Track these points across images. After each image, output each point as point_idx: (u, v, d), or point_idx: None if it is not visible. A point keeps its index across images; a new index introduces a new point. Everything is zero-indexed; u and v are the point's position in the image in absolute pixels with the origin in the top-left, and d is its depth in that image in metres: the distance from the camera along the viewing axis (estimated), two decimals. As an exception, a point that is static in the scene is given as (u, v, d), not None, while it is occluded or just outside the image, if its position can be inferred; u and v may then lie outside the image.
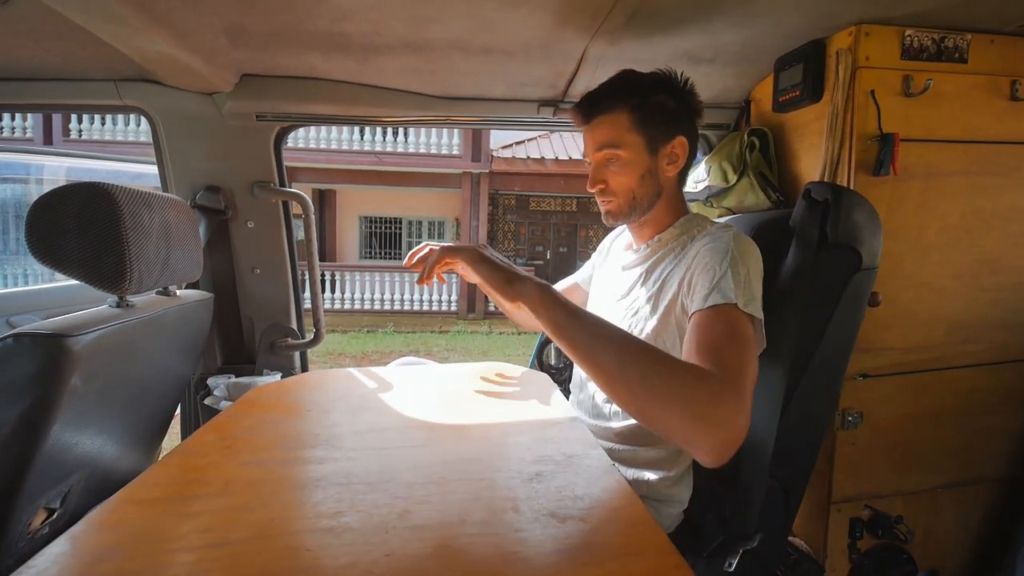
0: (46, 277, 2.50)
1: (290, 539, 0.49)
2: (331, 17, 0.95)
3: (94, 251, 0.81)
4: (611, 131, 0.93)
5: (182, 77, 1.09)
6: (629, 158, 0.92)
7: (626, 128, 0.91)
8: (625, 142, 0.92)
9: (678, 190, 0.99)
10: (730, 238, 0.84)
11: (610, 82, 0.95)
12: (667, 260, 0.94)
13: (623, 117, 0.91)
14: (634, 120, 0.91)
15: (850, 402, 1.11)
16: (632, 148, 0.92)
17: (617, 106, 0.92)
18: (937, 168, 1.08)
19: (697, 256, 0.85)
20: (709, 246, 0.84)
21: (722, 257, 0.80)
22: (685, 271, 0.86)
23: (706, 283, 0.79)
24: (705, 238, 0.88)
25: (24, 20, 0.93)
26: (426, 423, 0.76)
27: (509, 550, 0.47)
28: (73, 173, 2.53)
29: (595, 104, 0.93)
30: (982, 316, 1.16)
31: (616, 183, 0.95)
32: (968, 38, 1.06)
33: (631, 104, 0.91)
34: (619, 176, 0.94)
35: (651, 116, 0.91)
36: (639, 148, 0.92)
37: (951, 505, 1.22)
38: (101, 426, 0.93)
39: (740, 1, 0.93)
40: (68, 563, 0.46)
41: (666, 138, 0.92)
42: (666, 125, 0.92)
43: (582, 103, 0.95)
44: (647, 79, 0.93)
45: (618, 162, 0.93)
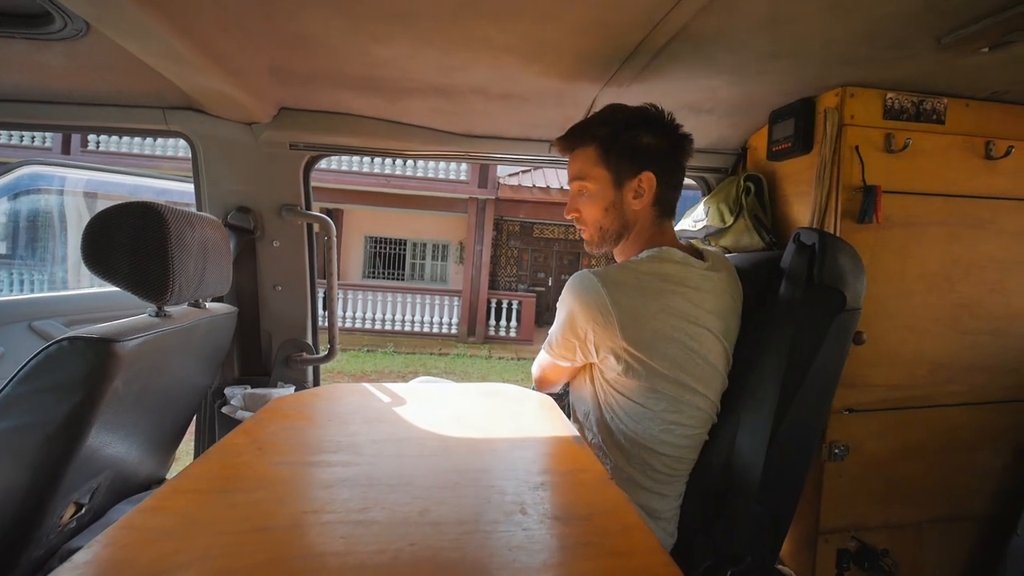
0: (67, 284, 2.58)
1: (323, 528, 0.55)
2: (367, 63, 1.06)
3: (142, 264, 0.88)
4: (581, 164, 1.01)
5: (226, 108, 1.19)
6: (595, 190, 1.00)
7: (593, 162, 0.99)
8: (591, 175, 1.00)
9: (654, 224, 1.03)
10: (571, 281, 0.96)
11: (590, 118, 1.03)
12: None
13: (592, 152, 0.99)
14: (601, 155, 0.99)
15: (837, 435, 1.17)
16: (598, 181, 1.00)
17: (588, 141, 1.00)
18: (917, 218, 1.17)
19: None
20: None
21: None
22: None
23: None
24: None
25: (90, 54, 1.03)
26: (439, 435, 0.83)
27: (518, 545, 0.53)
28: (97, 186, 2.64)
29: (571, 138, 1.02)
30: (962, 358, 1.22)
31: (586, 213, 1.03)
32: (945, 102, 1.16)
33: (601, 139, 0.99)
34: (587, 207, 1.02)
35: (619, 151, 0.98)
36: (605, 182, 0.99)
37: (936, 540, 1.26)
38: (131, 428, 0.99)
39: (737, 62, 1.03)
40: (130, 540, 0.52)
41: (632, 173, 0.98)
42: (633, 161, 0.98)
43: (564, 136, 1.04)
44: (624, 115, 1.00)
45: (586, 193, 1.02)
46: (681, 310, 0.93)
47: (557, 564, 0.50)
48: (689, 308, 0.94)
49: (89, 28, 0.91)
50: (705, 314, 0.95)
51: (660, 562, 0.50)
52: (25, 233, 2.45)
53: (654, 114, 1.00)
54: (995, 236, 1.22)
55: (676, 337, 0.92)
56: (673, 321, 0.92)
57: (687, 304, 0.94)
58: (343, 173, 9.01)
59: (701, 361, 0.95)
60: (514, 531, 0.55)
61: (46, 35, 0.93)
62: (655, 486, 0.98)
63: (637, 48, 0.96)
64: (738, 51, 0.97)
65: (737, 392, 0.99)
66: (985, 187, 1.20)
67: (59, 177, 2.50)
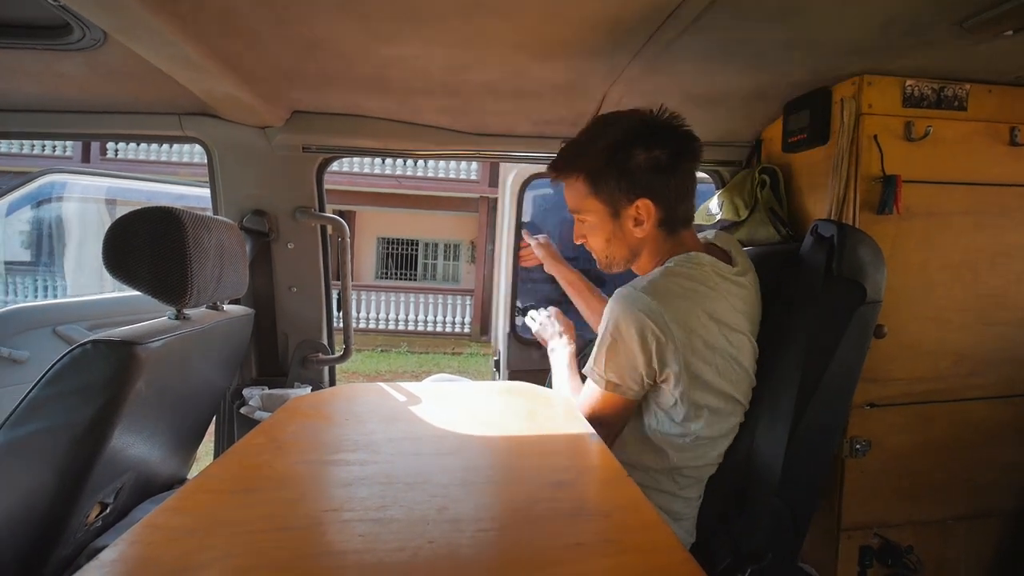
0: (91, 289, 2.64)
1: (343, 526, 0.55)
2: (378, 64, 1.06)
3: (161, 268, 0.90)
4: (573, 197, 0.96)
5: (241, 113, 1.21)
6: (593, 222, 0.96)
7: (584, 195, 0.94)
8: (585, 208, 0.95)
9: (667, 241, 0.97)
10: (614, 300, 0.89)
11: (578, 140, 0.95)
12: None
13: (581, 184, 0.93)
14: (591, 187, 0.92)
15: (858, 430, 1.15)
16: (594, 213, 0.94)
17: (575, 173, 0.94)
18: (939, 208, 1.14)
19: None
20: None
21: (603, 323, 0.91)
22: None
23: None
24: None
25: (108, 64, 1.05)
26: (456, 434, 0.83)
27: (537, 542, 0.53)
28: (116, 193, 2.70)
29: (559, 169, 0.96)
30: (988, 350, 1.19)
31: (591, 242, 0.99)
32: (967, 88, 1.13)
33: (588, 171, 0.92)
34: (590, 237, 0.98)
35: (610, 181, 0.91)
36: (601, 213, 0.94)
37: (962, 536, 1.23)
38: (153, 429, 1.01)
39: (750, 54, 1.01)
40: (154, 538, 0.53)
41: (628, 201, 0.91)
42: (628, 189, 0.91)
43: (551, 166, 0.98)
44: (613, 135, 0.91)
45: (586, 225, 0.97)
46: (721, 316, 0.89)
47: (576, 561, 0.50)
48: (727, 313, 0.90)
49: (107, 38, 0.93)
50: (740, 317, 0.92)
51: (680, 559, 0.50)
52: (49, 240, 2.51)
53: (647, 123, 0.91)
54: (1021, 225, 1.18)
55: (719, 345, 0.89)
56: (715, 328, 0.89)
57: (726, 309, 0.90)
58: (355, 175, 9.09)
59: (739, 368, 0.92)
60: (532, 528, 0.55)
61: (65, 46, 0.95)
62: (679, 491, 0.97)
63: (648, 41, 0.95)
64: (751, 42, 0.96)
65: (756, 388, 0.98)
66: (1010, 174, 1.17)
67: (81, 185, 2.56)
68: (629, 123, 0.91)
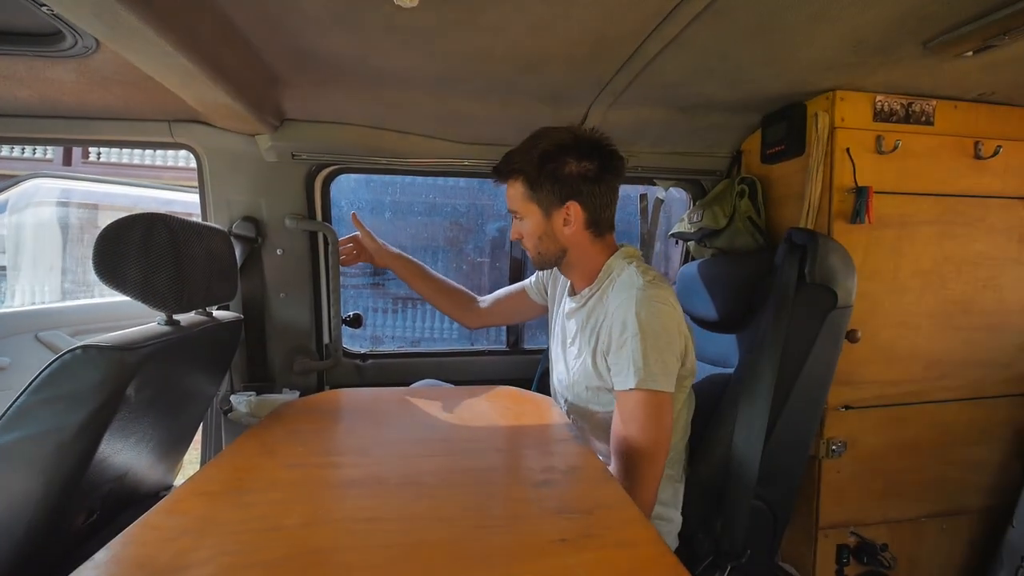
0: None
1: (336, 525, 0.57)
2: (368, 75, 1.09)
3: (151, 274, 0.90)
4: (513, 199, 1.05)
5: (231, 121, 1.21)
6: (527, 222, 1.05)
7: (521, 197, 1.03)
8: (522, 209, 1.04)
9: (594, 240, 1.05)
10: (633, 303, 0.92)
11: (518, 148, 1.04)
12: (597, 310, 1.03)
13: (519, 187, 1.03)
14: (527, 189, 1.02)
15: (834, 432, 1.19)
16: (529, 214, 1.04)
17: (514, 176, 1.03)
18: (909, 218, 1.20)
19: (610, 316, 0.96)
20: (617, 311, 0.94)
21: (628, 331, 0.91)
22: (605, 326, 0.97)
23: (618, 360, 0.92)
24: (615, 293, 0.98)
25: (99, 70, 1.06)
26: (444, 437, 0.85)
27: (523, 539, 0.55)
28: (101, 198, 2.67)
29: (499, 173, 1.06)
30: (956, 354, 1.25)
31: (526, 240, 1.08)
32: (933, 104, 1.19)
33: (526, 174, 1.01)
34: (526, 235, 1.07)
35: (544, 184, 1.00)
36: (535, 213, 1.03)
37: (934, 533, 1.28)
38: (141, 435, 1.01)
39: (729, 69, 1.06)
40: (149, 538, 0.54)
41: (558, 203, 1.01)
42: (559, 192, 1.00)
43: (494, 170, 1.07)
44: (548, 144, 1.00)
45: (520, 224, 1.06)
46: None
47: (560, 556, 0.52)
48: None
49: (99, 45, 0.94)
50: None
51: (660, 552, 0.52)
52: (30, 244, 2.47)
53: (579, 139, 1.00)
54: (986, 234, 1.24)
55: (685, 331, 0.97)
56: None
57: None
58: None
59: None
60: (518, 525, 0.57)
61: (57, 53, 0.96)
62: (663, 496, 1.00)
63: (632, 56, 0.99)
64: (729, 59, 1.00)
65: (733, 390, 1.01)
66: (975, 186, 1.23)
67: (65, 190, 2.54)
68: (562, 136, 1.01)
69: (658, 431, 0.89)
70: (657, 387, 0.89)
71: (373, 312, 2.20)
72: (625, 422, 0.91)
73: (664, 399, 0.90)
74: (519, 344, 1.79)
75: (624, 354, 0.91)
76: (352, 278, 2.08)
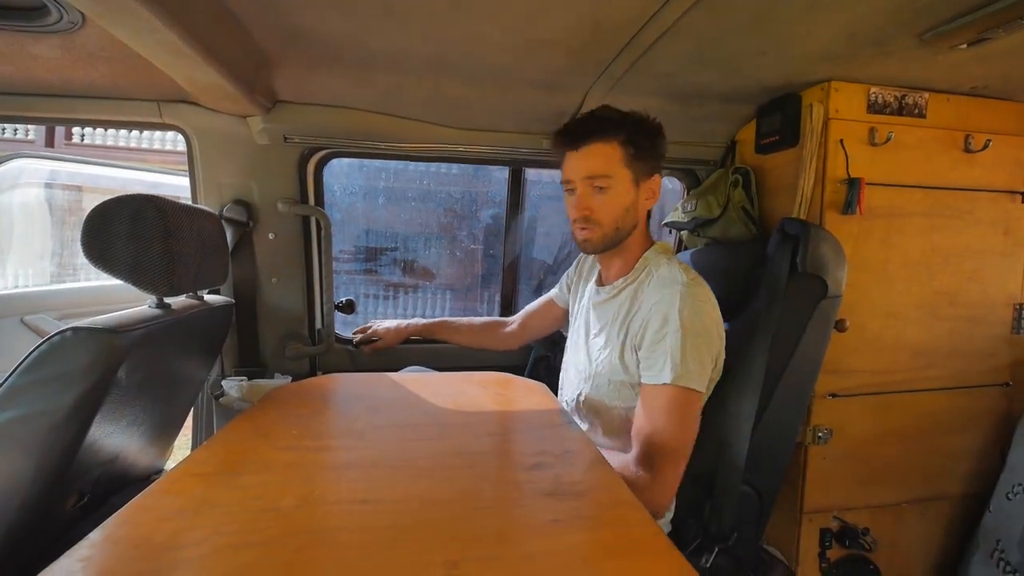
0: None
1: (331, 507, 0.57)
2: (363, 57, 1.07)
3: (141, 256, 0.89)
4: (604, 161, 0.96)
5: (222, 101, 1.19)
6: (619, 189, 0.97)
7: (618, 160, 0.96)
8: (616, 173, 0.96)
9: (647, 225, 1.06)
10: (677, 299, 0.89)
11: (599, 114, 0.98)
12: (627, 303, 1.00)
13: (615, 149, 0.95)
14: (625, 153, 0.96)
15: (821, 419, 1.21)
16: (622, 180, 0.97)
17: (610, 137, 0.95)
18: (899, 209, 1.21)
19: (647, 310, 0.93)
20: (656, 308, 0.91)
21: (669, 326, 0.88)
22: (638, 319, 0.95)
23: (653, 354, 0.90)
24: (656, 288, 0.95)
25: (85, 47, 1.03)
26: (438, 421, 0.85)
27: (516, 520, 0.56)
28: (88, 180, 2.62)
29: (588, 131, 0.97)
30: (941, 344, 1.27)
31: (603, 212, 0.98)
32: (926, 96, 1.20)
33: (621, 138, 0.95)
34: (607, 206, 0.97)
35: (638, 152, 0.96)
36: (627, 181, 0.97)
37: (914, 518, 1.32)
38: (132, 418, 1.01)
39: (725, 58, 1.06)
40: (144, 519, 0.54)
41: (647, 174, 0.99)
42: (648, 162, 0.98)
43: (573, 127, 0.98)
44: (631, 118, 0.97)
45: (608, 192, 0.96)
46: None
47: (553, 536, 0.53)
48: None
49: (85, 20, 0.92)
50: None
51: (651, 532, 0.53)
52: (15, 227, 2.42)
53: (649, 120, 0.99)
54: (973, 226, 1.26)
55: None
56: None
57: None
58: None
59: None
60: (511, 508, 0.58)
61: (41, 28, 0.93)
62: None
63: (628, 43, 0.98)
64: (725, 48, 1.00)
65: (724, 377, 1.03)
66: (964, 179, 1.24)
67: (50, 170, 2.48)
68: (637, 115, 0.98)
69: (685, 430, 0.87)
70: (692, 385, 0.87)
71: (365, 298, 2.20)
72: (652, 417, 0.88)
73: (695, 399, 0.88)
74: (512, 331, 1.79)
75: (661, 348, 0.88)
76: (345, 264, 2.07)
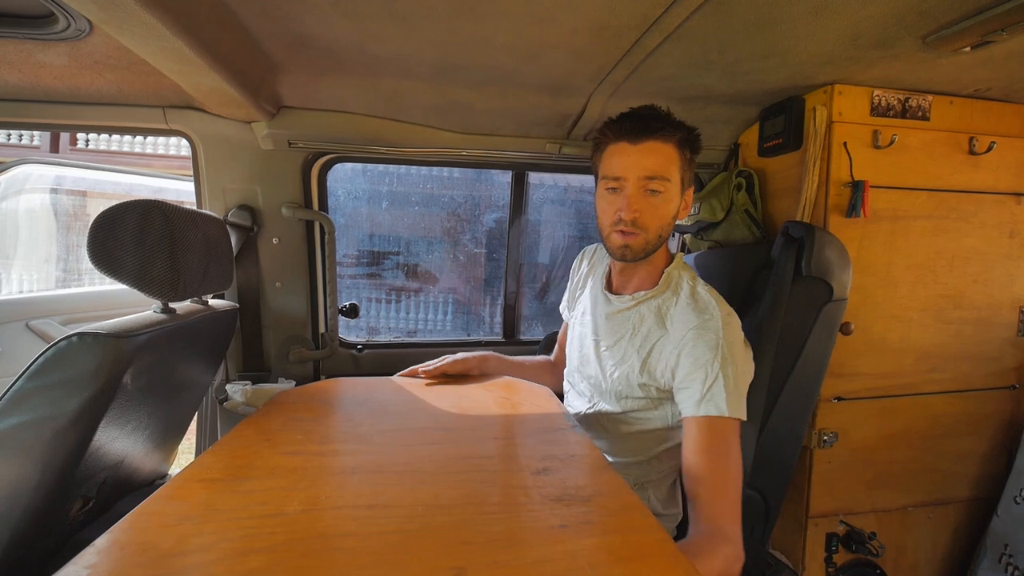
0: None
1: (337, 512, 0.57)
2: (367, 63, 1.07)
3: (147, 261, 0.90)
4: (664, 161, 0.87)
5: (227, 107, 1.20)
6: (671, 194, 0.89)
7: (676, 163, 0.88)
8: (673, 177, 0.88)
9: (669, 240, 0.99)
10: (719, 327, 0.84)
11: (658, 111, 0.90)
12: (650, 319, 0.94)
13: (674, 151, 0.88)
14: (681, 158, 0.89)
15: (826, 423, 1.21)
16: (675, 186, 0.89)
17: (670, 136, 0.87)
18: (904, 212, 1.21)
19: (682, 335, 0.87)
20: (698, 335, 0.85)
21: (713, 355, 0.83)
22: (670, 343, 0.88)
23: (698, 385, 0.83)
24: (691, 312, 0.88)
25: (92, 54, 1.04)
26: (444, 425, 0.85)
27: (523, 525, 0.55)
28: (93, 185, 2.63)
29: (651, 125, 0.87)
30: (947, 347, 1.27)
31: (652, 218, 0.89)
32: (930, 99, 1.20)
33: (679, 139, 0.88)
34: (659, 211, 0.88)
35: (691, 158, 0.91)
36: (678, 187, 0.90)
37: (921, 523, 1.31)
38: (137, 423, 1.01)
39: (729, 62, 1.06)
40: (150, 524, 0.54)
41: (689, 184, 0.94)
42: (691, 172, 0.93)
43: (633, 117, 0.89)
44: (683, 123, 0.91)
45: (661, 196, 0.88)
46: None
47: (560, 541, 0.53)
48: None
49: (92, 28, 0.92)
50: None
51: (658, 539, 0.53)
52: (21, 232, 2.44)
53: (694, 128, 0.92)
54: (978, 229, 1.26)
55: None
56: None
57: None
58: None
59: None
60: (518, 513, 0.58)
61: (49, 35, 0.94)
62: (651, 483, 1.00)
63: (632, 48, 0.98)
64: (729, 51, 1.00)
65: None
66: (968, 182, 1.24)
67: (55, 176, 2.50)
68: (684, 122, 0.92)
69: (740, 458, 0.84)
70: (743, 416, 0.83)
71: (369, 302, 2.20)
72: (713, 452, 0.80)
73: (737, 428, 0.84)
74: (515, 335, 1.80)
75: (712, 379, 0.82)
76: (348, 268, 2.07)
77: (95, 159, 8.17)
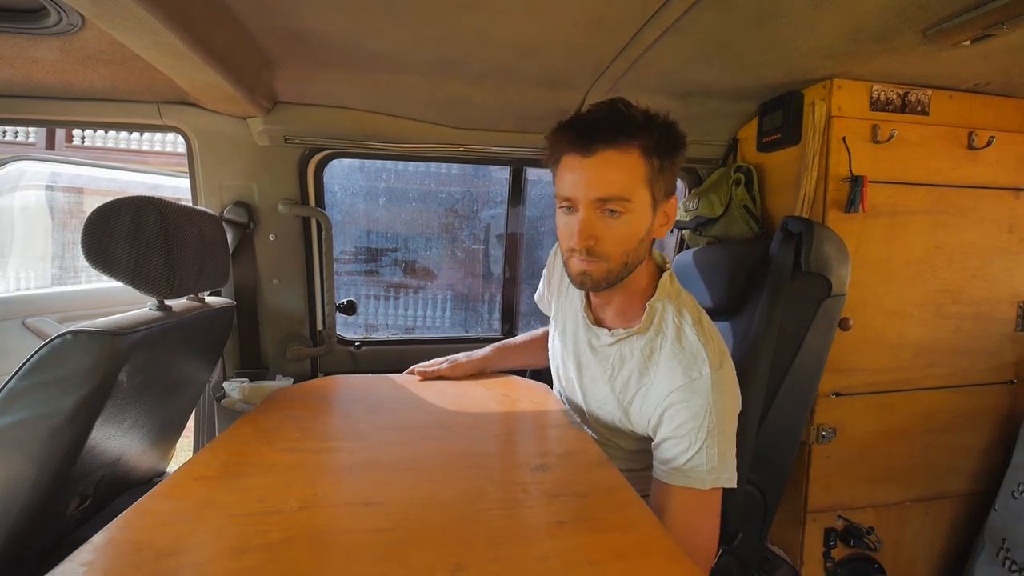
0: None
1: (334, 509, 0.57)
2: (364, 57, 1.06)
3: (142, 258, 0.89)
4: (622, 178, 0.72)
5: (222, 103, 1.19)
6: (635, 215, 0.74)
7: (639, 177, 0.73)
8: (636, 196, 0.73)
9: (650, 258, 0.86)
10: (708, 389, 0.73)
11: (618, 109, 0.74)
12: (631, 362, 0.83)
13: (637, 160, 0.72)
14: (648, 168, 0.73)
15: (824, 418, 1.21)
16: (640, 204, 0.74)
17: (630, 143, 0.72)
18: (902, 207, 1.20)
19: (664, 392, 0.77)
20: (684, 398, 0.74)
21: (699, 423, 0.73)
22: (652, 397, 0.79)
23: (678, 453, 0.74)
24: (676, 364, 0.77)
25: (85, 49, 1.03)
26: (442, 422, 0.85)
27: (522, 521, 0.55)
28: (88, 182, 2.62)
29: (604, 131, 0.72)
30: (945, 342, 1.27)
31: (612, 243, 0.75)
32: (929, 94, 1.19)
33: (646, 145, 0.72)
34: (618, 235, 0.75)
35: (662, 166, 0.75)
36: (646, 204, 0.75)
37: (919, 517, 1.31)
38: (134, 421, 1.00)
39: (728, 56, 1.05)
40: (146, 523, 0.54)
41: (667, 195, 0.78)
42: (669, 180, 0.77)
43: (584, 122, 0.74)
44: (656, 120, 0.75)
45: (622, 219, 0.74)
46: None
47: (558, 538, 0.52)
48: None
49: (85, 23, 0.91)
50: None
51: (656, 536, 0.53)
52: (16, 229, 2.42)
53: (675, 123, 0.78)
54: (977, 224, 1.25)
55: None
56: None
57: None
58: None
59: None
60: (516, 509, 0.58)
61: (41, 30, 0.93)
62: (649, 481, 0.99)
63: (630, 41, 0.98)
64: (728, 45, 0.99)
65: None
66: (967, 176, 1.24)
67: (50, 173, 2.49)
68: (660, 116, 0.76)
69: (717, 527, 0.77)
70: (728, 484, 0.75)
71: (367, 299, 2.19)
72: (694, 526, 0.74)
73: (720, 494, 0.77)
74: (513, 332, 1.79)
75: (695, 451, 0.73)
76: (346, 265, 2.07)
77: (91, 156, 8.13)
